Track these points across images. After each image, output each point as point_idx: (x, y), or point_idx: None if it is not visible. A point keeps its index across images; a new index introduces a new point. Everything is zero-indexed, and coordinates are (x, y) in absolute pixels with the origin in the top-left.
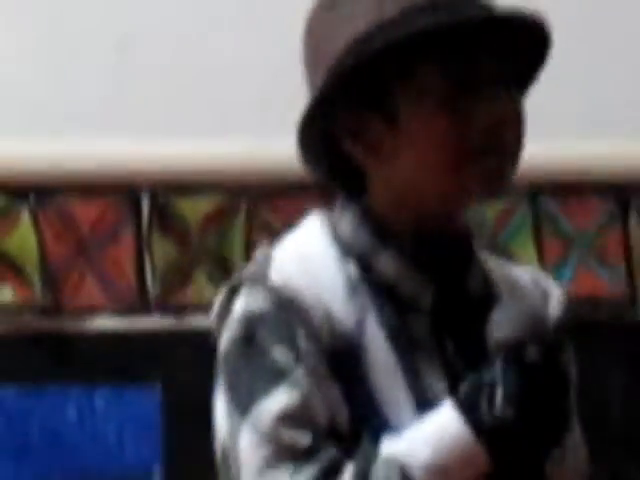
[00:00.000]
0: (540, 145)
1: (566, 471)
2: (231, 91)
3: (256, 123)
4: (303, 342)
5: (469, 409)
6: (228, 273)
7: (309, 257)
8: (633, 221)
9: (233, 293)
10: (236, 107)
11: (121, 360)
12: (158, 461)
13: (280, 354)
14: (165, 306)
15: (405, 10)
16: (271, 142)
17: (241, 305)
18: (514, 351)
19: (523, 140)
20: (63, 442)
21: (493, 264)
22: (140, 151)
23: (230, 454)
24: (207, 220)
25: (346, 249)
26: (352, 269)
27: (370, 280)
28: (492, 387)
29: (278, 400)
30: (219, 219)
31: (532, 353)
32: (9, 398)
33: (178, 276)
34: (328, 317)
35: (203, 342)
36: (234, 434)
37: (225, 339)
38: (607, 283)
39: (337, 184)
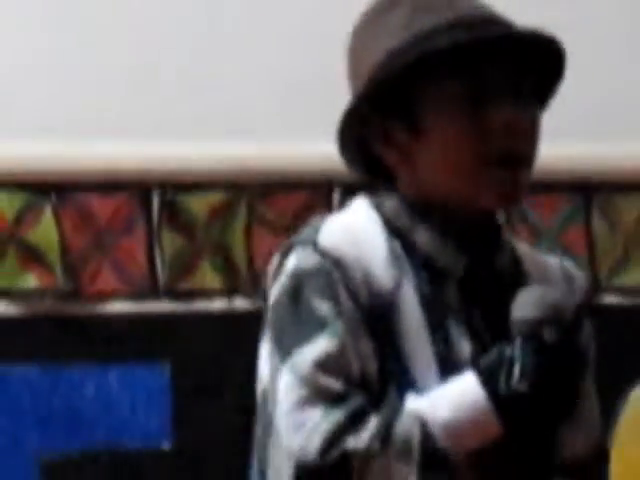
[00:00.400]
0: None
1: (579, 438)
2: (233, 99)
3: (255, 128)
4: (344, 299)
5: (488, 379)
6: (230, 261)
7: (355, 229)
8: (595, 217)
9: (285, 255)
10: (238, 114)
11: (133, 341)
12: (167, 433)
13: (323, 307)
14: (173, 291)
15: (429, 29)
16: (268, 145)
17: (292, 263)
18: (533, 331)
19: (536, 150)
20: (81, 415)
21: (524, 249)
22: (151, 152)
23: (269, 395)
24: (211, 214)
25: (389, 225)
26: (394, 242)
27: (408, 252)
28: (511, 362)
29: (317, 348)
30: (222, 213)
31: (549, 334)
32: (33, 375)
33: (185, 264)
34: (367, 279)
35: (207, 324)
36: (274, 375)
37: (275, 291)
38: None
39: (374, 177)
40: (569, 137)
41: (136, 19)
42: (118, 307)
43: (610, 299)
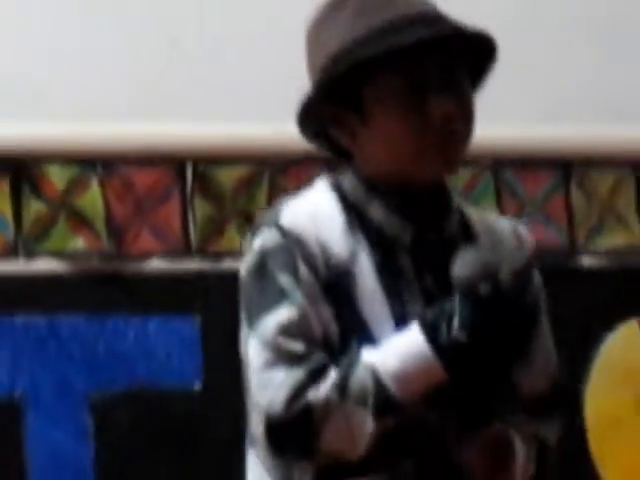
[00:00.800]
0: (502, 128)
1: (536, 376)
2: (258, 85)
3: (275, 111)
4: (303, 271)
5: (431, 331)
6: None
7: (316, 206)
8: (574, 189)
9: (255, 235)
10: (262, 98)
11: (169, 295)
12: (198, 377)
13: (284, 280)
14: (204, 252)
15: (370, 31)
16: (288, 124)
17: (258, 243)
18: (470, 287)
19: (472, 127)
20: (123, 360)
21: (474, 213)
22: (185, 131)
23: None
24: (238, 185)
25: (346, 201)
26: (350, 216)
27: (363, 224)
28: (451, 315)
29: (279, 315)
30: (247, 184)
31: (485, 289)
32: (82, 325)
33: (214, 228)
34: (325, 253)
35: (233, 281)
36: (245, 342)
37: (243, 268)
38: (553, 237)
39: (336, 156)
40: (552, 120)
41: (171, 17)
42: (155, 265)
43: (587, 261)
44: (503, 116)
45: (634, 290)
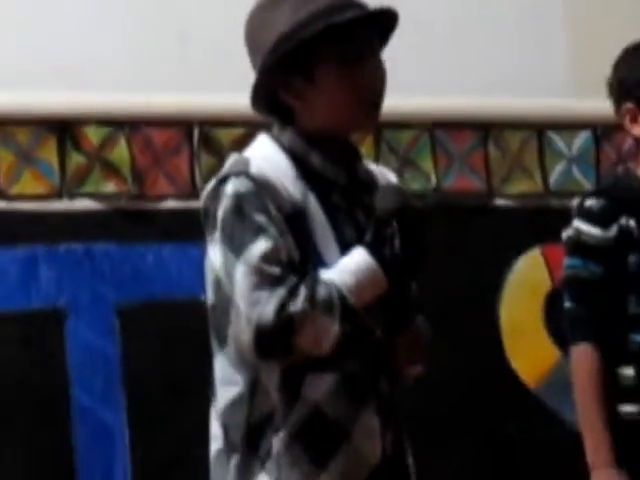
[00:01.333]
0: (438, 98)
1: (421, 329)
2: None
3: None
4: (272, 210)
5: (376, 250)
6: None
7: (270, 158)
8: (491, 146)
9: (221, 183)
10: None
11: (180, 227)
12: (204, 291)
13: (259, 218)
14: None
15: (311, 15)
16: None
17: (230, 189)
18: (397, 215)
19: (384, 90)
20: (145, 277)
21: (369, 163)
22: (193, 100)
23: (225, 284)
24: (235, 143)
25: (289, 152)
26: (295, 164)
27: (307, 171)
28: (392, 238)
29: (259, 246)
30: (243, 142)
31: (411, 216)
32: (112, 251)
33: (215, 176)
34: (286, 194)
35: None
36: (230, 269)
37: (221, 211)
38: (475, 184)
39: (275, 117)
40: (476, 92)
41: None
42: (170, 204)
43: (500, 202)
44: (439, 89)
45: (536, 225)
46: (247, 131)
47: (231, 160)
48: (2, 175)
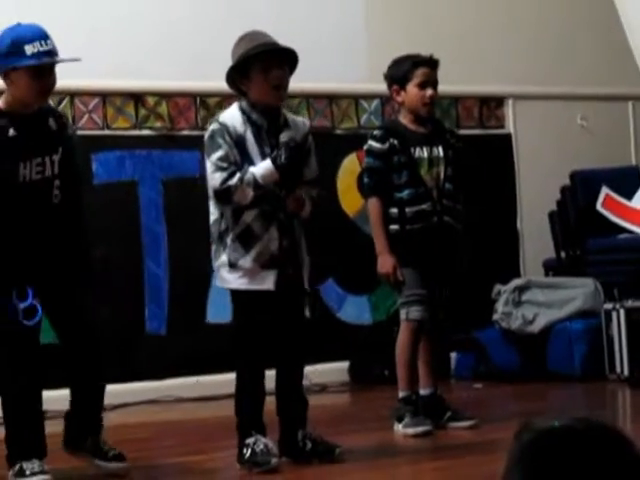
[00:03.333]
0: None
1: (309, 174)
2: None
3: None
4: (227, 137)
5: (274, 159)
6: None
7: (232, 113)
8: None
9: (210, 124)
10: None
11: (191, 142)
12: (200, 172)
13: (220, 140)
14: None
15: (250, 49)
16: None
17: (211, 127)
18: (286, 144)
19: (287, 87)
20: (173, 166)
21: (290, 115)
22: (197, 83)
23: (207, 169)
24: (216, 105)
25: (243, 111)
26: (243, 117)
27: (249, 120)
28: (281, 154)
29: (217, 154)
30: (221, 105)
31: (293, 144)
32: (158, 153)
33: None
34: (235, 130)
35: None
36: (207, 163)
37: (205, 137)
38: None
39: (238, 93)
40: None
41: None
42: (185, 133)
43: (338, 132)
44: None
45: (353, 142)
46: (222, 100)
47: (217, 114)
48: (109, 118)
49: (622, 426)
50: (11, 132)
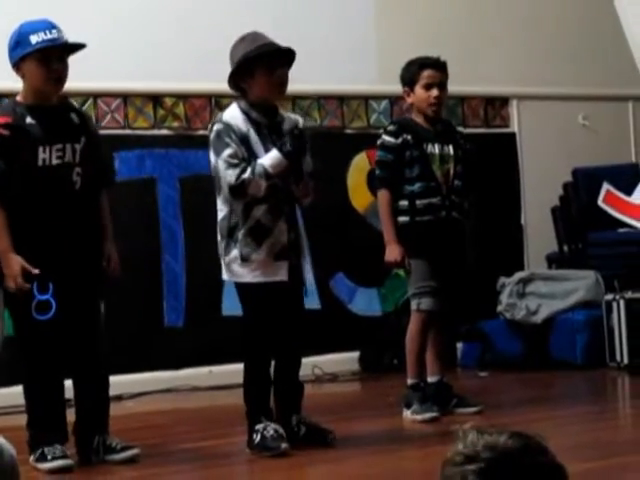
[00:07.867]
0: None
1: (306, 166)
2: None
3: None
4: (233, 136)
5: (281, 148)
6: None
7: (233, 113)
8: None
9: (213, 124)
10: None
11: (201, 141)
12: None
13: (227, 139)
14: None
15: (254, 49)
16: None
17: (215, 127)
18: (291, 133)
19: (287, 84)
20: (188, 164)
21: (284, 112)
22: (214, 85)
23: (215, 168)
24: (224, 107)
25: (243, 111)
26: (244, 116)
27: (249, 118)
28: (286, 142)
29: (227, 152)
30: (227, 106)
31: (297, 134)
32: (175, 152)
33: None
34: (239, 130)
35: None
36: (217, 164)
37: (211, 136)
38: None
39: (238, 93)
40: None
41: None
42: (199, 132)
43: (348, 131)
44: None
45: (363, 141)
46: (230, 101)
47: (218, 115)
48: (129, 117)
49: (622, 411)
50: (28, 119)
